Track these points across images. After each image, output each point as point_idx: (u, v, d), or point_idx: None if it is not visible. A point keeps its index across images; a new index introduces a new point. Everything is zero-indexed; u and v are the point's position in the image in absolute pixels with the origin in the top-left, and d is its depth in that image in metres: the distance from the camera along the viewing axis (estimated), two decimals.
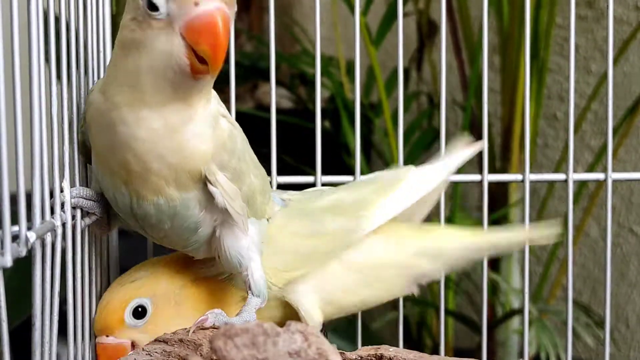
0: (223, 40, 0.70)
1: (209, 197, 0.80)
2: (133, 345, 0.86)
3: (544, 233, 0.97)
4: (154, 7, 0.71)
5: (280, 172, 1.04)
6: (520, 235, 1.01)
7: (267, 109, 1.05)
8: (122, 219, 0.86)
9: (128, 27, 0.73)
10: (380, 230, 0.92)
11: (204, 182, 0.79)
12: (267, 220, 0.90)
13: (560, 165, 1.60)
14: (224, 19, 0.70)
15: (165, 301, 0.86)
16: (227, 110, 0.83)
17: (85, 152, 0.85)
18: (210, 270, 0.89)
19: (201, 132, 0.77)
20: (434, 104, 1.94)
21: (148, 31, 0.71)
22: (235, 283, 0.89)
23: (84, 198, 0.83)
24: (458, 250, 0.95)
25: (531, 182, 1.05)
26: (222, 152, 0.79)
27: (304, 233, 0.90)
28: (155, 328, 0.85)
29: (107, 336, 0.85)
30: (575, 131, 1.05)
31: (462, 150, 1.00)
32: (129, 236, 0.95)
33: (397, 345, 0.99)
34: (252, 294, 0.84)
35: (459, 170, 1.22)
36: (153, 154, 0.75)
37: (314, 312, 0.89)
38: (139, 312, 0.85)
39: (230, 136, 0.81)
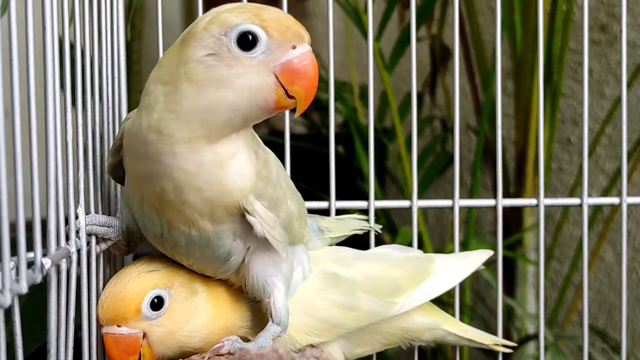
0: (316, 83, 0.73)
1: (245, 227, 0.80)
2: (144, 336, 0.83)
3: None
4: (246, 47, 0.71)
5: None
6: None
7: (281, 135, 1.06)
8: (145, 241, 0.86)
9: (204, 64, 0.72)
10: None
11: (240, 213, 0.79)
12: (305, 244, 0.91)
13: (574, 190, 1.59)
14: (316, 63, 0.73)
15: (181, 296, 0.85)
16: (259, 139, 0.84)
17: (115, 175, 0.85)
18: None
19: (243, 166, 0.77)
20: (448, 129, 1.94)
21: (236, 68, 0.71)
22: None
23: (98, 225, 0.83)
24: (455, 338, 0.98)
25: (546, 206, 1.05)
26: (258, 182, 0.79)
27: (338, 303, 0.90)
28: (169, 322, 0.84)
29: (119, 326, 0.83)
30: (590, 155, 1.05)
31: (487, 252, 1.01)
32: None
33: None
34: (273, 321, 0.84)
35: (473, 195, 1.22)
36: (192, 187, 0.75)
37: (337, 354, 0.91)
38: (155, 304, 0.83)
39: (266, 164, 0.81)
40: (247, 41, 0.71)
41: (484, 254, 1.00)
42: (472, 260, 1.00)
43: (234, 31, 0.71)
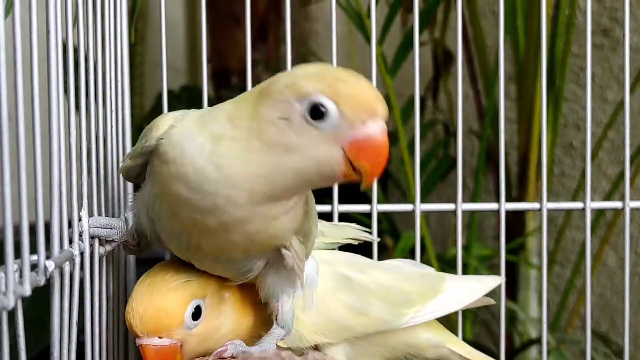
0: (384, 161, 0.72)
1: (276, 255, 0.80)
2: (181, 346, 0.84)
3: None
4: (318, 117, 0.69)
5: None
6: None
7: None
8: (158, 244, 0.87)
9: (276, 126, 0.70)
10: None
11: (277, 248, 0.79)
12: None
13: (577, 194, 1.59)
14: (386, 139, 0.72)
15: (213, 304, 0.85)
16: None
17: (129, 175, 0.85)
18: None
19: (294, 218, 0.77)
20: (450, 133, 1.94)
21: (305, 137, 0.69)
22: None
23: (100, 227, 0.83)
24: (459, 359, 0.98)
25: (548, 210, 1.05)
26: (302, 222, 0.79)
27: (349, 305, 0.91)
28: (203, 330, 0.84)
29: (160, 337, 0.82)
30: (592, 159, 1.05)
31: (498, 278, 1.01)
32: (146, 264, 0.95)
33: None
34: (278, 324, 0.84)
35: (476, 199, 1.21)
36: (240, 230, 0.74)
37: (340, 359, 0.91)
38: (194, 314, 0.83)
39: (307, 200, 0.80)
40: (318, 112, 0.69)
41: (495, 280, 1.00)
42: (483, 285, 0.99)
43: (307, 101, 0.69)
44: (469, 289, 0.99)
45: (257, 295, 0.87)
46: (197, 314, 0.84)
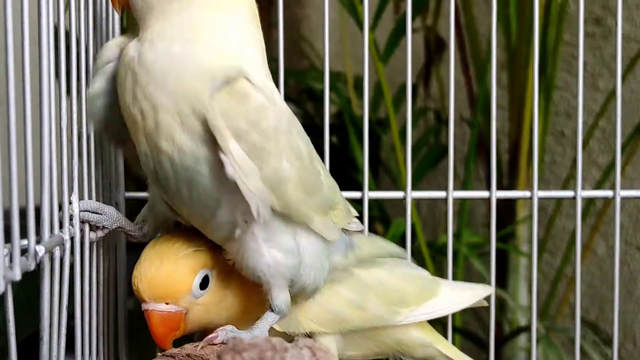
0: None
1: (220, 166, 0.77)
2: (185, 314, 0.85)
3: None
4: None
5: None
6: None
7: None
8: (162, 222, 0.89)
9: None
10: None
11: (214, 142, 0.76)
12: (346, 233, 0.92)
13: (567, 182, 1.60)
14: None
15: (221, 275, 0.86)
16: (278, 94, 0.83)
17: (112, 132, 0.87)
18: None
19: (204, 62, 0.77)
20: (441, 121, 1.94)
21: None
22: None
23: (90, 211, 0.83)
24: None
25: (539, 199, 1.05)
26: (239, 120, 0.76)
27: (348, 299, 0.91)
28: (210, 301, 0.85)
29: (167, 304, 0.83)
30: (583, 148, 1.05)
31: (489, 288, 1.03)
32: (137, 249, 0.95)
33: None
34: (273, 310, 0.84)
35: (467, 187, 1.21)
36: (156, 83, 0.77)
37: (331, 347, 0.91)
38: (202, 283, 0.84)
39: (258, 108, 0.78)
40: None
41: (487, 289, 1.02)
42: (475, 293, 1.01)
43: None
44: (461, 297, 1.00)
45: None
46: (204, 283, 0.84)
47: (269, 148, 0.78)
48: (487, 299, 1.06)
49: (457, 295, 1.00)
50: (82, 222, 0.82)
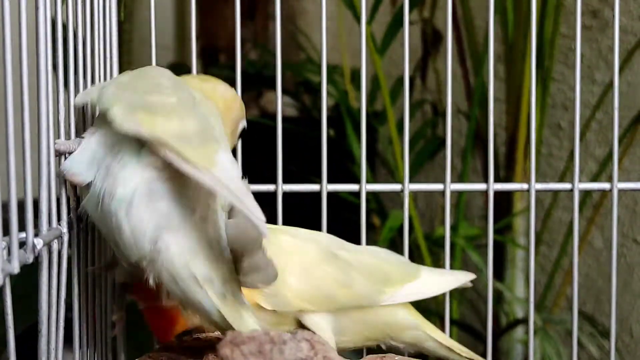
0: None
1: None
2: None
3: None
4: None
5: (285, 181, 1.04)
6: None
7: (272, 117, 1.05)
8: None
9: None
10: None
11: None
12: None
13: (564, 175, 1.60)
14: None
15: None
16: None
17: None
18: None
19: None
20: (438, 113, 1.95)
21: None
22: None
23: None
24: (435, 344, 0.99)
25: (536, 191, 1.05)
26: None
27: (334, 277, 0.92)
28: None
29: None
30: (580, 140, 1.05)
31: (471, 275, 1.03)
32: None
33: (402, 354, 0.99)
34: None
35: (464, 179, 1.21)
36: None
37: (329, 339, 0.91)
38: None
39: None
40: None
41: (468, 275, 1.02)
42: (457, 278, 1.02)
43: None
44: (443, 280, 1.01)
45: None
46: None
47: None
48: (484, 290, 1.06)
49: (439, 279, 1.01)
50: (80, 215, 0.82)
